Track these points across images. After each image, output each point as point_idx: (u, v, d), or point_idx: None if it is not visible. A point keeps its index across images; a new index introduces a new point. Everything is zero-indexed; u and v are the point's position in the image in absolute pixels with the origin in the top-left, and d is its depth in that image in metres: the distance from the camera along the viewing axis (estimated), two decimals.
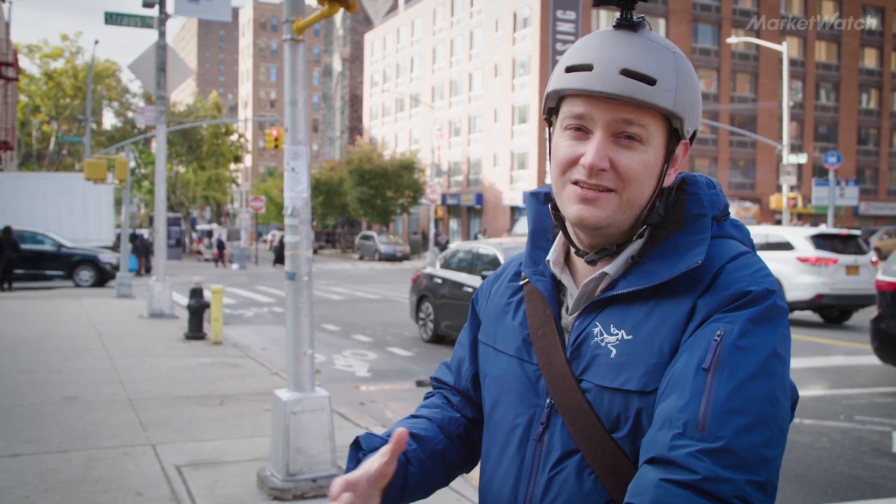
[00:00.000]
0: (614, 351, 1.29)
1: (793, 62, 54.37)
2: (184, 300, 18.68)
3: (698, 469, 1.10)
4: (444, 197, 60.14)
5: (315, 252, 53.83)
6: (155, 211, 15.40)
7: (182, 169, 58.61)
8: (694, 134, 1.36)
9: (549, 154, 1.39)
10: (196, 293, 12.22)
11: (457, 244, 14.37)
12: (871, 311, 12.42)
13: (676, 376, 1.20)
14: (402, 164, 57.51)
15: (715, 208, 1.37)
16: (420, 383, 9.89)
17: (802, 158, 30.69)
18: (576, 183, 1.30)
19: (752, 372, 1.17)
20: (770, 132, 55.04)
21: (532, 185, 52.53)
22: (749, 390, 1.15)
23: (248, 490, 5.40)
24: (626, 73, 1.25)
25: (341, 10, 5.23)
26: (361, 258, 52.75)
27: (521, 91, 54.42)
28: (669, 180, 1.35)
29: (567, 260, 1.45)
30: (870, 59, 63.21)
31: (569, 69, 1.30)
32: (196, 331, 12.31)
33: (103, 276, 24.05)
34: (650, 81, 1.25)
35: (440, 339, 13.24)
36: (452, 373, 1.66)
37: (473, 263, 12.66)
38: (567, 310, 1.42)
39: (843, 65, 61.47)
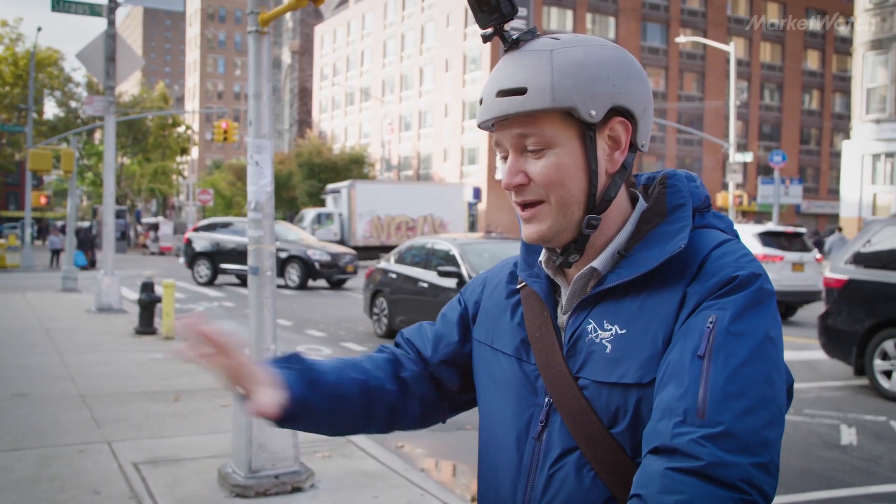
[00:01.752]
0: (609, 346, 1.31)
1: (738, 62, 55.34)
2: (131, 294, 18.38)
3: (702, 455, 1.12)
4: None
5: None
6: (103, 203, 15.09)
7: (127, 160, 57.56)
8: (626, 111, 1.34)
9: None
10: (147, 287, 12.02)
11: (414, 239, 14.33)
12: (816, 308, 12.73)
13: (672, 366, 1.22)
14: (351, 158, 57.28)
15: (696, 199, 1.40)
16: None
17: (748, 157, 31.27)
18: (518, 205, 1.37)
19: (746, 356, 1.18)
20: (716, 131, 55.97)
21: (482, 181, 52.72)
22: (745, 374, 1.17)
23: (209, 487, 5.34)
24: (500, 93, 1.32)
25: (286, 3, 5.19)
26: None
27: (472, 86, 54.53)
28: (615, 164, 1.36)
29: None
30: (812, 61, 64.68)
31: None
32: (147, 325, 12.11)
33: (311, 273, 22.81)
34: (520, 92, 1.30)
35: (394, 334, 13.20)
36: (429, 343, 1.65)
37: (428, 258, 12.66)
38: (562, 308, 1.43)
39: (786, 66, 62.81)
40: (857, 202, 26.91)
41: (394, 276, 13.21)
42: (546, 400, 1.37)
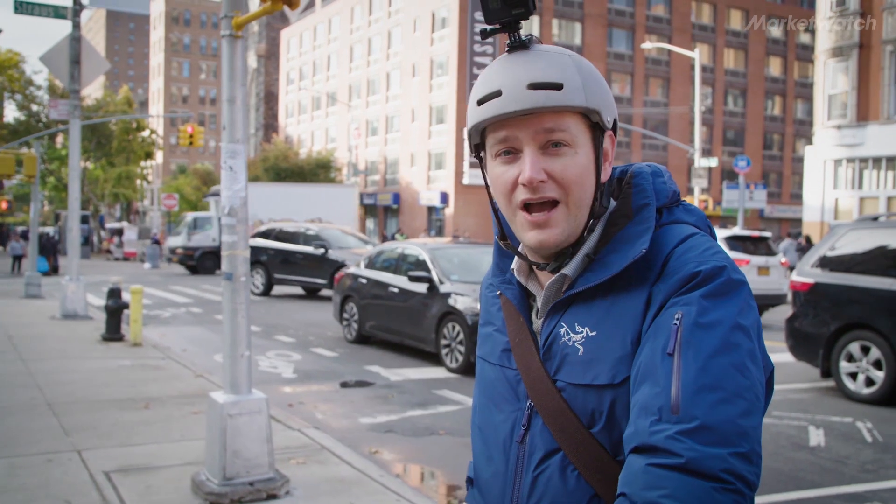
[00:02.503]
0: (581, 349, 1.33)
1: (703, 68, 55.99)
2: (96, 300, 18.14)
3: (680, 451, 1.13)
4: (361, 196, 59.79)
5: None
6: (69, 209, 14.88)
7: (90, 165, 56.80)
8: (615, 124, 1.40)
9: (488, 188, 1.42)
10: (114, 293, 11.87)
11: (383, 244, 14.29)
12: (782, 311, 12.90)
13: (644, 366, 1.23)
14: (318, 163, 57.07)
15: (662, 196, 1.41)
16: (344, 384, 9.82)
17: (713, 162, 31.60)
18: (524, 208, 1.34)
19: (716, 347, 1.19)
20: (681, 136, 56.52)
21: (449, 186, 52.79)
22: (716, 365, 1.18)
23: (182, 495, 5.28)
24: (533, 86, 1.30)
25: (261, 7, 5.17)
26: None
27: (439, 91, 54.56)
28: (606, 174, 1.39)
29: (531, 266, 1.48)
30: (774, 68, 65.57)
31: (480, 102, 1.34)
32: (114, 332, 11.95)
33: None
34: (557, 87, 1.30)
35: (365, 339, 13.18)
36: None
37: (399, 264, 12.64)
38: (537, 314, 1.45)
39: (749, 72, 63.61)
40: (820, 207, 27.33)
41: (364, 281, 13.17)
42: (527, 404, 1.39)
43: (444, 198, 53.27)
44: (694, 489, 1.11)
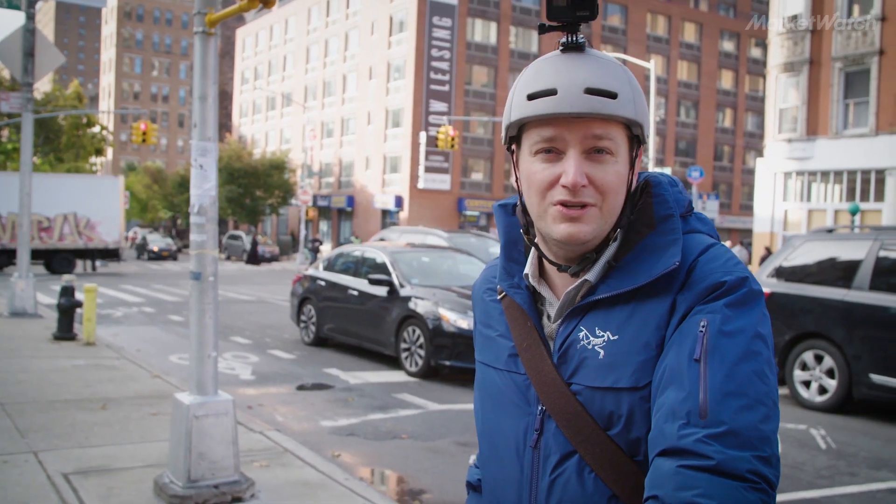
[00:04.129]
0: (602, 352, 1.34)
1: (657, 79, 56.73)
2: (45, 299, 17.76)
3: (710, 454, 1.17)
4: (315, 198, 59.50)
5: (179, 251, 52.07)
6: (20, 204, 14.55)
7: (37, 160, 55.57)
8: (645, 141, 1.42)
9: (517, 180, 1.43)
10: (67, 291, 11.62)
11: (343, 247, 14.20)
12: None
13: (670, 370, 1.26)
14: (272, 164, 56.62)
15: (681, 206, 1.43)
16: (301, 387, 9.74)
17: (666, 172, 31.95)
18: (558, 204, 1.34)
19: (740, 355, 1.23)
20: None
21: (404, 190, 52.73)
22: (740, 372, 1.22)
23: (145, 498, 5.19)
24: (590, 91, 1.30)
25: (237, 4, 5.12)
26: (229, 258, 51.51)
27: (396, 95, 54.49)
28: (632, 186, 1.41)
29: (542, 270, 1.48)
30: (726, 81, 66.76)
31: (531, 97, 1.33)
32: (66, 331, 11.70)
33: None
34: (612, 96, 1.31)
35: (322, 341, 13.10)
36: None
37: (358, 267, 12.58)
38: (549, 318, 1.45)
39: (702, 84, 64.66)
40: (770, 218, 27.84)
41: (322, 283, 13.08)
42: (539, 408, 1.40)
43: (399, 201, 53.20)
44: (725, 488, 1.15)
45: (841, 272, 9.31)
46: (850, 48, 26.11)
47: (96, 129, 57.52)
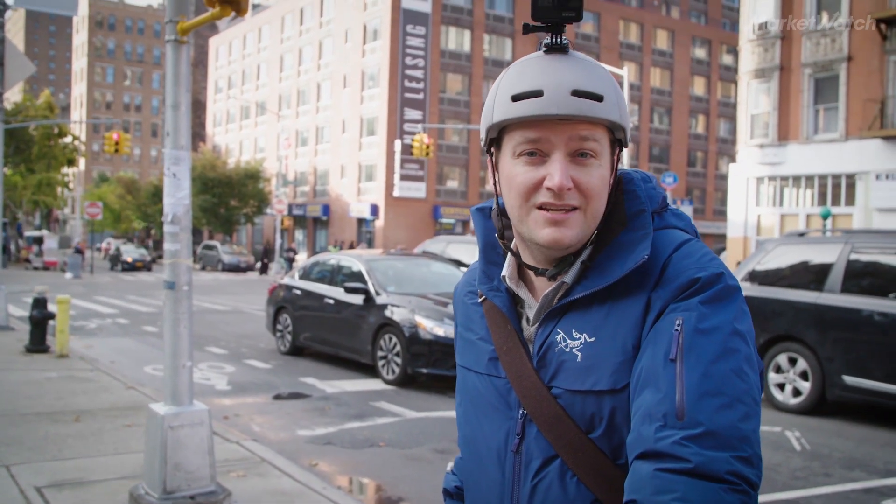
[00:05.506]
0: (580, 355, 1.32)
1: (630, 86, 57.11)
2: (16, 311, 17.55)
3: (688, 456, 1.15)
4: (290, 207, 59.29)
5: (153, 261, 51.66)
6: None
7: (7, 171, 54.90)
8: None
9: (496, 183, 1.40)
10: (39, 303, 11.49)
11: (319, 255, 14.15)
12: None
13: (646, 371, 1.24)
14: (247, 173, 56.37)
15: (653, 202, 1.41)
16: (277, 396, 9.69)
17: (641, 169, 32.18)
18: (541, 207, 1.32)
19: (716, 353, 1.21)
20: None
21: (380, 198, 52.70)
22: (718, 371, 1.19)
23: None
24: (577, 93, 1.28)
25: (209, 13, 5.10)
26: (204, 268, 51.16)
27: (370, 103, 54.48)
28: (610, 187, 1.39)
29: (521, 273, 1.47)
30: (698, 87, 67.37)
31: (516, 98, 1.31)
32: (39, 343, 11.56)
33: None
34: (599, 98, 1.29)
35: (299, 350, 13.04)
36: None
37: (334, 275, 12.54)
38: (528, 321, 1.43)
39: (674, 91, 65.21)
40: (743, 223, 28.10)
41: (298, 292, 13.03)
42: (520, 412, 1.38)
43: (375, 210, 53.15)
44: (704, 491, 1.13)
45: (813, 275, 9.40)
46: (820, 54, 26.46)
47: (68, 139, 56.91)
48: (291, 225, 61.69)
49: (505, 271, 1.46)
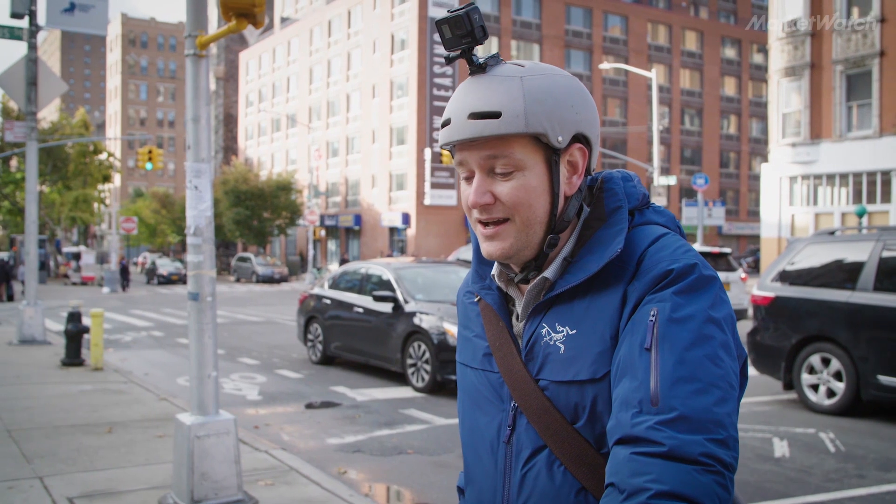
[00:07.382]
0: (563, 347, 1.39)
1: (660, 88, 56.84)
2: (54, 326, 17.83)
3: (661, 440, 1.19)
4: (322, 218, 59.61)
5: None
6: (26, 233, 14.64)
7: (46, 189, 55.90)
8: (584, 138, 1.42)
9: None
10: (74, 317, 11.67)
11: (346, 265, 14.22)
12: (742, 325, 13.06)
13: (623, 361, 1.29)
14: (278, 185, 56.78)
15: (633, 199, 1.47)
16: (309, 405, 9.74)
17: (672, 180, 32.03)
18: (480, 222, 1.41)
19: (690, 340, 1.25)
20: (640, 155, 57.23)
21: (411, 207, 52.83)
22: (692, 358, 1.24)
23: None
24: (473, 115, 1.35)
25: (226, 26, 5.15)
26: (238, 280, 51.66)
27: (400, 112, 54.70)
28: (572, 188, 1.43)
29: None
30: (729, 87, 66.80)
31: (441, 127, 1.42)
32: (74, 357, 11.74)
33: None
34: (495, 115, 1.34)
35: (330, 360, 13.10)
36: None
37: (363, 284, 12.59)
38: (517, 317, 1.51)
39: (705, 92, 64.73)
40: (777, 223, 27.78)
41: (328, 301, 13.10)
42: (511, 405, 1.45)
43: (406, 218, 53.29)
44: (678, 472, 1.17)
45: (845, 274, 9.27)
46: (851, 50, 26.11)
47: (103, 156, 57.84)
48: (324, 235, 62.06)
49: (494, 271, 1.54)
